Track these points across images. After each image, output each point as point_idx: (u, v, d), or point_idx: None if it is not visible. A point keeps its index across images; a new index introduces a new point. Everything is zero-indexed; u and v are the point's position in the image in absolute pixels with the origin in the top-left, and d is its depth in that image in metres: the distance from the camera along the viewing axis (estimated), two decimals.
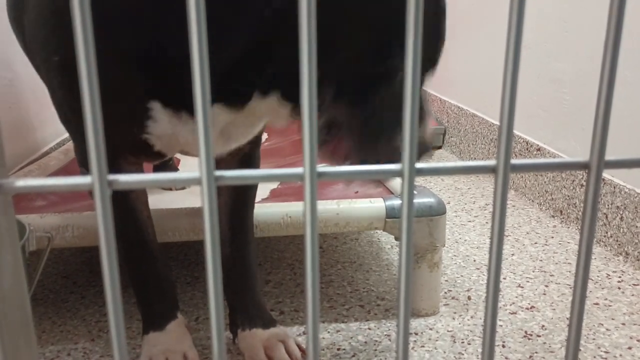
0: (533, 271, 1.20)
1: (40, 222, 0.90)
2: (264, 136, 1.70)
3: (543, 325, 1.00)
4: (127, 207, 0.82)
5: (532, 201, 1.61)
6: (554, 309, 1.05)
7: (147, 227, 0.85)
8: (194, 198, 1.19)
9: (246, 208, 0.92)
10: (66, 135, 1.83)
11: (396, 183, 1.12)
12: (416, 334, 0.98)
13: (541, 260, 1.25)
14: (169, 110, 0.70)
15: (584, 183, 1.41)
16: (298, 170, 0.25)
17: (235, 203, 0.90)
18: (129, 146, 0.77)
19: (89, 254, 1.27)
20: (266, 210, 0.96)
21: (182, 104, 0.68)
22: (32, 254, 0.84)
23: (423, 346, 0.94)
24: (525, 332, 0.98)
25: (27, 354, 0.33)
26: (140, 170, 0.84)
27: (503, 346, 0.94)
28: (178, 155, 1.41)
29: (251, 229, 0.93)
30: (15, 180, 0.24)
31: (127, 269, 0.86)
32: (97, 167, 0.23)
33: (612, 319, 1.01)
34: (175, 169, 1.40)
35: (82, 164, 1.13)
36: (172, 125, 0.71)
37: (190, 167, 1.46)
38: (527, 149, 1.65)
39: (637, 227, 1.21)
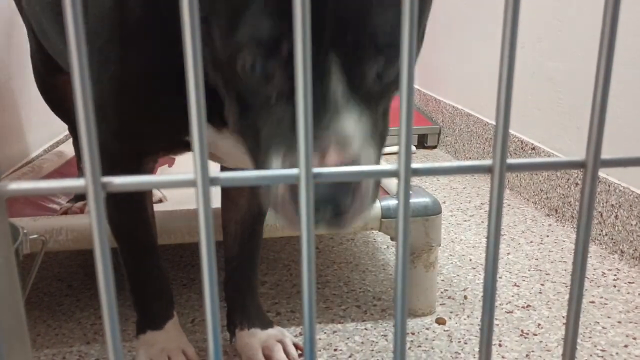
0: (529, 270, 1.20)
1: (34, 225, 0.90)
2: None
3: (539, 324, 1.00)
4: (139, 205, 0.82)
5: (527, 200, 1.61)
6: (550, 308, 1.05)
7: (153, 224, 0.85)
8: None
9: (262, 210, 0.93)
10: (59, 137, 1.83)
11: (391, 183, 1.12)
12: (413, 334, 0.97)
13: (537, 259, 1.25)
14: (210, 125, 0.70)
15: (579, 182, 1.41)
16: (293, 171, 0.25)
17: (252, 205, 0.91)
18: (168, 145, 0.78)
19: (83, 256, 1.27)
20: None
21: (222, 121, 0.67)
22: (27, 257, 0.84)
23: (420, 346, 0.94)
24: (522, 331, 0.98)
25: (22, 357, 0.33)
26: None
27: (500, 345, 0.94)
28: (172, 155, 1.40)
29: (261, 232, 0.94)
30: (8, 184, 0.24)
31: (126, 266, 0.85)
32: (90, 169, 0.23)
33: (608, 317, 1.02)
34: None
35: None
36: (214, 138, 0.71)
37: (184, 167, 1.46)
38: (522, 148, 1.65)
39: (632, 225, 1.22)
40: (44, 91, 1.30)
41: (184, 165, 1.47)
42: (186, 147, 0.78)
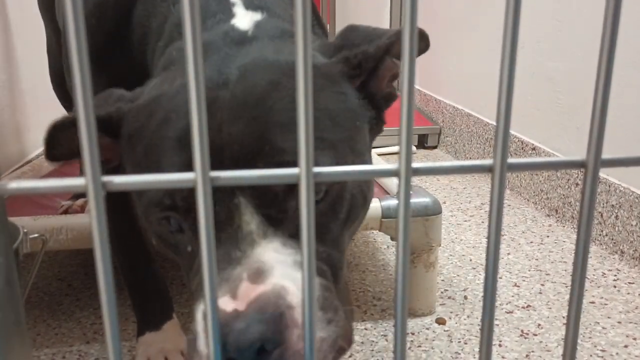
0: (529, 270, 1.20)
1: (34, 225, 0.90)
2: None
3: (539, 324, 1.00)
4: (125, 207, 0.82)
5: (528, 200, 1.61)
6: (550, 308, 1.05)
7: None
8: None
9: None
10: None
11: (391, 183, 1.12)
12: (413, 334, 0.97)
13: (537, 259, 1.25)
14: None
15: (579, 182, 1.41)
16: (294, 170, 0.25)
17: None
18: None
19: (83, 256, 1.27)
20: None
21: None
22: (27, 257, 0.84)
23: (420, 346, 0.94)
24: (522, 331, 0.98)
25: (22, 356, 0.33)
26: None
27: (500, 345, 0.94)
28: None
29: None
30: (8, 183, 0.24)
31: (122, 270, 0.86)
32: (90, 168, 0.23)
33: (608, 318, 1.02)
34: None
35: None
36: None
37: None
38: (522, 148, 1.65)
39: (632, 225, 1.22)
40: (60, 87, 1.28)
41: None
42: None
